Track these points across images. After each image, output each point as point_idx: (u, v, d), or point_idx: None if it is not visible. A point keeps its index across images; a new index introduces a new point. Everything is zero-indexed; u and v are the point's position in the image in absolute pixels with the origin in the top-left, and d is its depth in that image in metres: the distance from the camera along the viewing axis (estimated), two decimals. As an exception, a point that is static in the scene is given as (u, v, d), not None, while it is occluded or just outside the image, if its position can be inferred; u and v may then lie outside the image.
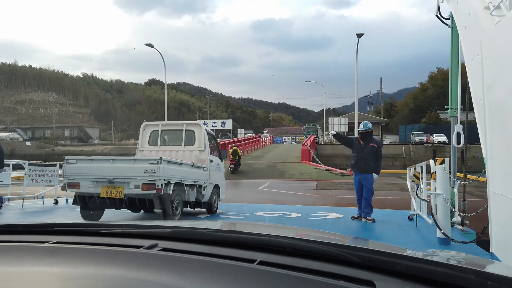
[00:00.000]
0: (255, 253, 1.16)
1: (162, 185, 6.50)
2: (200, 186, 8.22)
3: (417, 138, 48.51)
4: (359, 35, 23.60)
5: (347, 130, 46.14)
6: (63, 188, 7.28)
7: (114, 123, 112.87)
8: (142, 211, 7.58)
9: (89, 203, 6.92)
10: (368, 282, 0.95)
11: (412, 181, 7.60)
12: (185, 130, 8.95)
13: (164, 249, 1.19)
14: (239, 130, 55.23)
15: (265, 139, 50.36)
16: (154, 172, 6.46)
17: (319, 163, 27.08)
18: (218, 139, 17.99)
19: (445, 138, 45.86)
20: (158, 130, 9.09)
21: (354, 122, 49.93)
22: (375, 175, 7.96)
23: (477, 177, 5.53)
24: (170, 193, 6.80)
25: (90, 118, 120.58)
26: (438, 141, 45.54)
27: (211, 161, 8.90)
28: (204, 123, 47.17)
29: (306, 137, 56.40)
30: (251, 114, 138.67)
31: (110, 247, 1.24)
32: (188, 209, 8.45)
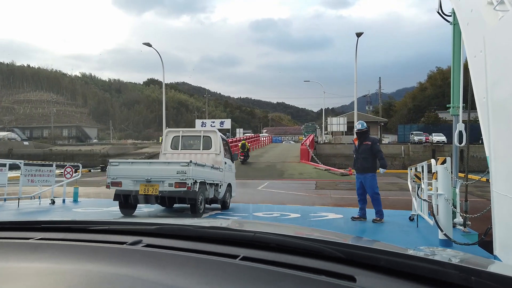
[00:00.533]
0: (239, 249, 1.18)
1: (191, 183, 7.57)
2: (217, 184, 9.27)
3: (416, 138, 48.42)
4: (359, 34, 23.51)
5: (346, 130, 46.09)
6: (107, 186, 8.08)
7: (113, 122, 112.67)
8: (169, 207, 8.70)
9: (128, 199, 7.95)
10: (349, 276, 0.97)
11: (413, 181, 7.50)
12: (203, 136, 10.22)
13: (148, 245, 1.21)
14: (237, 130, 55.11)
15: (264, 138, 50.29)
16: (185, 173, 7.54)
17: (318, 163, 27.00)
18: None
19: (444, 137, 45.89)
20: (179, 136, 10.26)
21: (353, 121, 50.04)
22: (382, 170, 7.89)
23: (479, 177, 5.43)
24: (197, 190, 7.81)
25: (88, 118, 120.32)
26: (437, 141, 45.55)
27: (225, 163, 10.02)
28: (203, 123, 47.21)
29: (305, 137, 56.32)
30: (250, 114, 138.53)
31: (95, 243, 1.25)
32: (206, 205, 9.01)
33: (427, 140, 47.48)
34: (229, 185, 10.38)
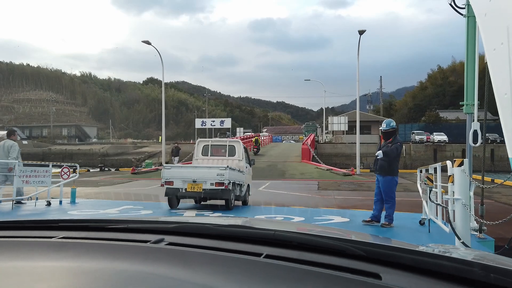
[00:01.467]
0: (261, 247, 1.17)
1: (227, 183, 9.33)
2: (241, 185, 10.93)
3: (417, 137, 48.15)
4: (361, 32, 23.13)
5: (346, 129, 45.75)
6: (162, 185, 9.82)
7: (113, 122, 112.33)
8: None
9: (177, 195, 9.80)
10: (374, 274, 0.97)
11: (424, 183, 7.13)
12: (228, 145, 12.15)
13: (170, 243, 1.21)
14: (237, 129, 54.71)
15: (264, 138, 49.87)
16: (223, 175, 9.30)
17: (320, 163, 26.65)
18: (216, 138, 24.05)
19: (445, 137, 45.58)
20: (209, 144, 12.21)
21: (355, 121, 49.63)
22: (379, 154, 7.51)
23: (503, 180, 5.07)
24: (231, 189, 9.63)
25: (88, 117, 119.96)
26: (439, 140, 45.22)
27: (246, 167, 11.78)
28: (203, 122, 46.88)
29: (306, 136, 55.97)
30: (249, 113, 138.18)
31: (116, 241, 1.25)
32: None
33: (428, 140, 47.19)
34: (248, 186, 12.06)
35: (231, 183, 9.62)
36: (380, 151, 7.48)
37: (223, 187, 9.39)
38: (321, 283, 0.93)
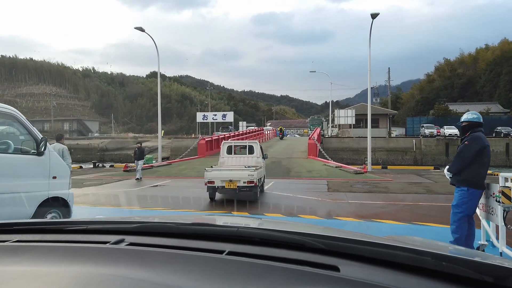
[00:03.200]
0: (224, 244, 1.18)
1: (256, 180, 11.29)
2: (260, 178, 12.39)
3: (426, 131, 45.95)
4: (374, 15, 20.79)
5: (354, 122, 43.46)
6: (206, 184, 11.47)
7: (116, 116, 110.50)
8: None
9: (216, 191, 11.68)
10: (333, 267, 1.01)
11: (497, 200, 4.89)
12: (248, 145, 14.32)
13: (131, 244, 1.20)
14: (240, 123, 52.39)
15: (268, 132, 47.57)
16: (253, 175, 11.24)
17: (328, 159, 24.41)
18: (218, 132, 27.65)
19: (457, 130, 43.21)
20: (232, 145, 14.43)
21: (362, 114, 47.26)
22: (447, 173, 5.53)
23: None
24: (258, 185, 11.56)
25: (91, 111, 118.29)
26: (449, 134, 42.87)
27: (262, 161, 13.79)
28: (204, 116, 44.65)
29: (311, 130, 53.71)
30: (253, 107, 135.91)
31: (75, 243, 1.22)
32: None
33: (439, 133, 44.96)
34: (264, 177, 13.95)
35: (257, 180, 11.54)
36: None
37: (253, 184, 11.36)
38: (281, 278, 0.95)
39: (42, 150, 5.64)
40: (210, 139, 29.59)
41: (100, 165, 28.69)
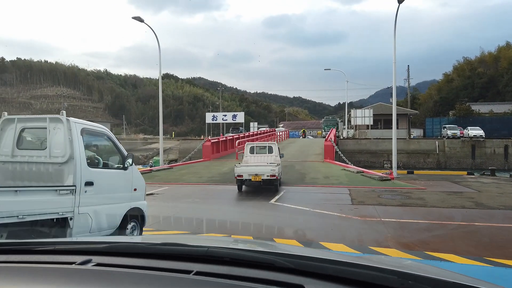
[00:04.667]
0: (193, 264, 1.17)
1: (277, 174, 13.57)
2: (280, 173, 14.58)
3: (449, 132, 42.67)
4: (400, 0, 17.98)
5: (371, 123, 40.38)
6: (235, 177, 13.66)
7: (129, 117, 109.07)
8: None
9: (243, 183, 13.89)
10: (299, 286, 1.03)
11: None
12: (268, 145, 16.59)
13: (98, 264, 1.18)
14: (251, 124, 49.66)
15: (280, 133, 44.70)
16: (275, 170, 13.34)
17: (347, 163, 21.56)
18: (229, 134, 32.25)
19: (482, 131, 40.05)
20: (254, 146, 16.81)
21: (380, 114, 44.20)
22: None
23: None
24: (279, 178, 14.15)
25: (104, 113, 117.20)
26: (474, 135, 39.49)
27: (280, 159, 15.91)
28: (214, 117, 42.03)
29: (325, 131, 50.76)
30: (266, 108, 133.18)
31: (41, 264, 1.19)
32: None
33: (462, 135, 41.63)
34: (281, 173, 15.05)
35: (278, 174, 13.64)
36: None
37: (275, 178, 13.24)
38: None
39: (128, 165, 5.98)
40: (216, 140, 26.96)
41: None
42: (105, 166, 5.92)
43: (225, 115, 43.57)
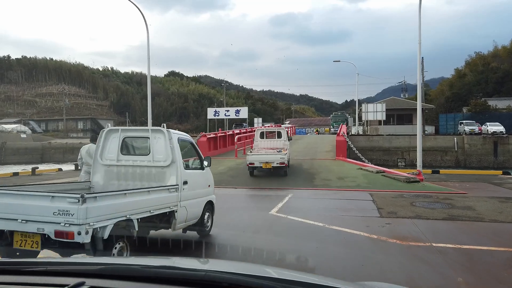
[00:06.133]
0: None
1: (286, 161, 14.64)
2: (289, 160, 15.62)
3: (466, 128, 39.43)
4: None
5: (384, 118, 37.09)
6: (247, 165, 14.74)
7: (134, 115, 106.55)
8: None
9: (255, 170, 14.96)
10: None
11: None
12: (277, 131, 17.88)
13: (92, 287, 1.12)
14: (255, 119, 46.63)
15: (287, 129, 41.43)
16: (284, 158, 14.39)
17: (364, 161, 18.42)
18: (231, 129, 31.19)
19: (502, 127, 36.74)
20: (264, 131, 17.89)
21: (392, 109, 40.91)
22: None
23: None
24: (287, 165, 14.99)
25: (109, 111, 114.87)
26: (494, 131, 36.20)
27: (288, 144, 16.86)
28: (216, 112, 38.95)
29: (333, 128, 47.53)
30: (272, 106, 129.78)
31: (32, 287, 1.16)
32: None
33: (481, 131, 38.39)
34: (289, 158, 16.24)
35: (287, 161, 14.87)
36: None
37: (284, 165, 14.52)
38: None
39: (205, 166, 6.93)
40: (213, 136, 23.94)
41: (84, 167, 23.44)
42: (189, 167, 6.72)
43: (227, 110, 40.57)
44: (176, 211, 5.71)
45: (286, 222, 7.89)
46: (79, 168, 10.02)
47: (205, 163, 6.90)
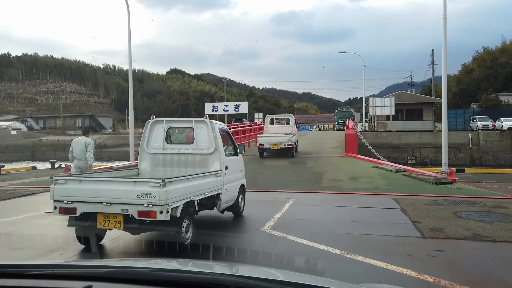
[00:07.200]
0: None
1: (293, 143, 16.36)
2: (295, 142, 17.16)
3: (479, 124, 37.09)
4: None
5: (393, 113, 34.31)
6: (257, 146, 17.01)
7: (135, 112, 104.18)
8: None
9: (264, 151, 16.76)
10: None
11: None
12: (285, 117, 19.50)
13: None
14: (256, 115, 44.02)
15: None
16: (291, 140, 16.19)
17: (380, 158, 15.72)
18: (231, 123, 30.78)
19: (516, 123, 34.18)
20: (273, 118, 19.83)
21: (401, 103, 38.21)
22: None
23: None
24: (295, 146, 16.77)
25: (110, 108, 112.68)
26: (509, 127, 33.67)
27: (296, 130, 19.21)
28: (214, 107, 36.32)
29: (338, 124, 44.82)
30: (274, 104, 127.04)
31: None
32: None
33: (494, 127, 35.90)
34: (297, 142, 18.09)
35: (294, 143, 16.57)
36: None
37: (291, 146, 16.31)
38: None
39: (238, 152, 7.36)
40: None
41: (63, 165, 20.90)
42: (232, 154, 7.26)
43: (226, 105, 37.93)
44: (221, 194, 6.18)
45: (284, 247, 5.25)
46: (70, 162, 9.56)
47: (239, 149, 7.35)
